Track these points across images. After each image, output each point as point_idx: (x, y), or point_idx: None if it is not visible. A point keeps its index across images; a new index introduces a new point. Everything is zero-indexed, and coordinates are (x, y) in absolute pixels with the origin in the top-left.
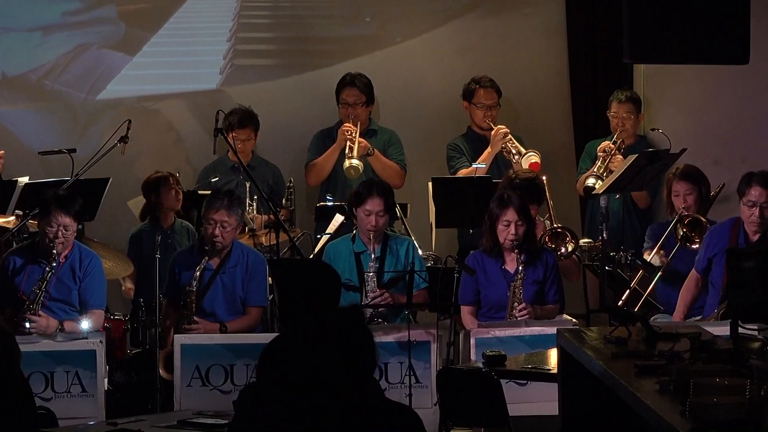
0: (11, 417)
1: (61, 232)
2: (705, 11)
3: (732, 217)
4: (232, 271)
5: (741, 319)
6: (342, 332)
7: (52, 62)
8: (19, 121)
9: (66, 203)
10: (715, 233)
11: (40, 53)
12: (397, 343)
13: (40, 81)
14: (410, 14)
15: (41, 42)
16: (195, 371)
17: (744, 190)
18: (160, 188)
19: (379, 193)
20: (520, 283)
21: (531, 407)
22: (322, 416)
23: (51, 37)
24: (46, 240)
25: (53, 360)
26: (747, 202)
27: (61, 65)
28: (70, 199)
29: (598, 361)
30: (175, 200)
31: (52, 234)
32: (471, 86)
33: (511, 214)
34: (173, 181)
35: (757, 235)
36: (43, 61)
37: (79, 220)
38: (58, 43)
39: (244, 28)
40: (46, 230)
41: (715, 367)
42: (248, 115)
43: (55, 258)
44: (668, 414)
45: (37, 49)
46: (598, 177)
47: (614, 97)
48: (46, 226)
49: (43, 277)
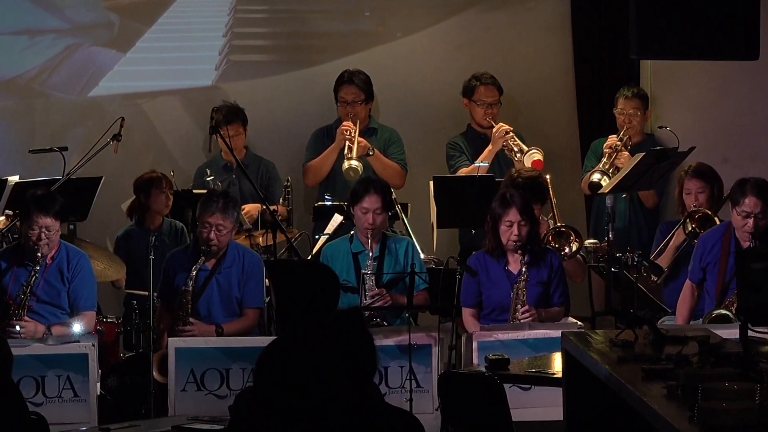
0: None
1: (44, 234)
2: (714, 6)
3: (723, 222)
4: (228, 271)
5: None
6: (341, 335)
7: (39, 65)
8: (9, 118)
9: (45, 204)
10: (707, 241)
11: (28, 57)
12: (397, 347)
13: (29, 85)
14: (411, 9)
15: (28, 45)
16: (190, 375)
17: (738, 200)
18: (151, 189)
19: (377, 191)
20: (523, 285)
21: (535, 412)
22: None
23: (38, 39)
24: (30, 243)
25: (44, 364)
26: (741, 212)
27: (50, 67)
28: (49, 198)
29: (603, 365)
30: (165, 205)
31: (35, 236)
32: (471, 83)
33: (514, 214)
34: (165, 184)
35: (748, 242)
36: (31, 65)
37: (62, 219)
38: (47, 45)
39: (240, 22)
40: (28, 233)
41: (724, 371)
42: (234, 110)
43: (40, 261)
44: (676, 419)
45: (25, 52)
46: (603, 173)
47: (621, 93)
48: (28, 229)
49: (27, 281)
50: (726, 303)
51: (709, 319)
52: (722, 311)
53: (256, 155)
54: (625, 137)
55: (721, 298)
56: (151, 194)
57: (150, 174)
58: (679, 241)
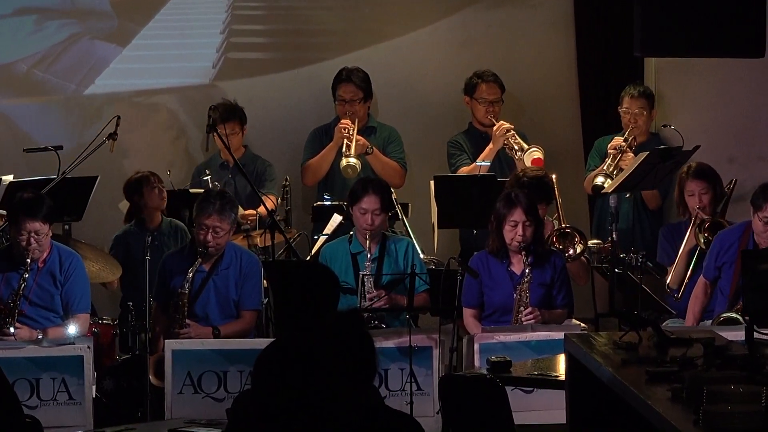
0: None
1: (33, 238)
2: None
3: (742, 222)
4: (225, 273)
5: (757, 324)
6: (341, 337)
7: (43, 52)
8: (7, 115)
9: (32, 208)
10: (725, 240)
11: (33, 41)
12: (397, 349)
13: (30, 71)
14: (411, 6)
15: (34, 30)
16: (187, 378)
17: (761, 205)
18: (142, 188)
19: (375, 191)
20: (526, 286)
21: (537, 415)
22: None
23: (45, 25)
24: (19, 248)
25: (39, 366)
26: (763, 218)
27: (53, 55)
28: (36, 202)
29: (607, 367)
30: (159, 198)
31: (24, 242)
32: (473, 80)
33: (519, 214)
34: (155, 180)
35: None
36: (34, 50)
37: (56, 220)
38: (52, 32)
39: (238, 19)
40: (17, 238)
41: (730, 374)
42: (231, 108)
43: (30, 266)
44: (681, 423)
45: (30, 37)
46: (607, 175)
47: (626, 92)
48: (16, 234)
49: (17, 288)
50: (738, 307)
51: (718, 322)
52: (732, 314)
53: (255, 155)
54: (630, 138)
55: (734, 300)
56: (143, 193)
57: (137, 175)
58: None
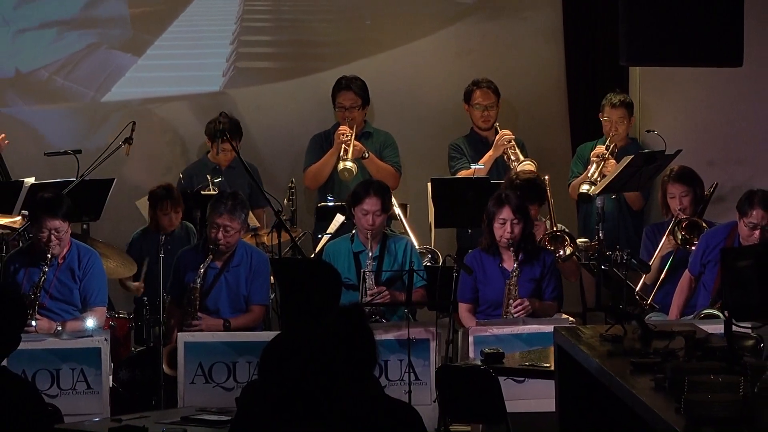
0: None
1: (54, 235)
2: (700, 15)
3: (729, 222)
4: (236, 270)
5: (735, 317)
6: (343, 330)
7: (63, 59)
8: (29, 121)
9: (52, 207)
10: (711, 238)
11: (54, 50)
12: (396, 341)
13: (51, 78)
14: (410, 17)
15: (55, 39)
16: (198, 369)
17: (746, 211)
18: (156, 209)
19: (377, 193)
20: (515, 281)
21: (528, 404)
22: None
23: (65, 35)
24: (40, 245)
25: (59, 357)
26: (748, 224)
27: (72, 63)
28: (56, 201)
29: (594, 358)
30: (169, 224)
31: (45, 238)
32: (470, 88)
33: (507, 212)
34: (169, 206)
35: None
36: (55, 58)
37: (73, 219)
38: (72, 41)
39: (246, 31)
40: (38, 235)
41: (710, 365)
42: (236, 126)
43: (50, 261)
44: (663, 411)
45: (51, 46)
46: (592, 183)
47: (607, 100)
48: (37, 232)
49: (38, 282)
50: (719, 304)
51: (699, 318)
52: (712, 311)
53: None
54: (611, 145)
55: (717, 297)
56: (156, 212)
57: (160, 191)
58: (665, 251)
